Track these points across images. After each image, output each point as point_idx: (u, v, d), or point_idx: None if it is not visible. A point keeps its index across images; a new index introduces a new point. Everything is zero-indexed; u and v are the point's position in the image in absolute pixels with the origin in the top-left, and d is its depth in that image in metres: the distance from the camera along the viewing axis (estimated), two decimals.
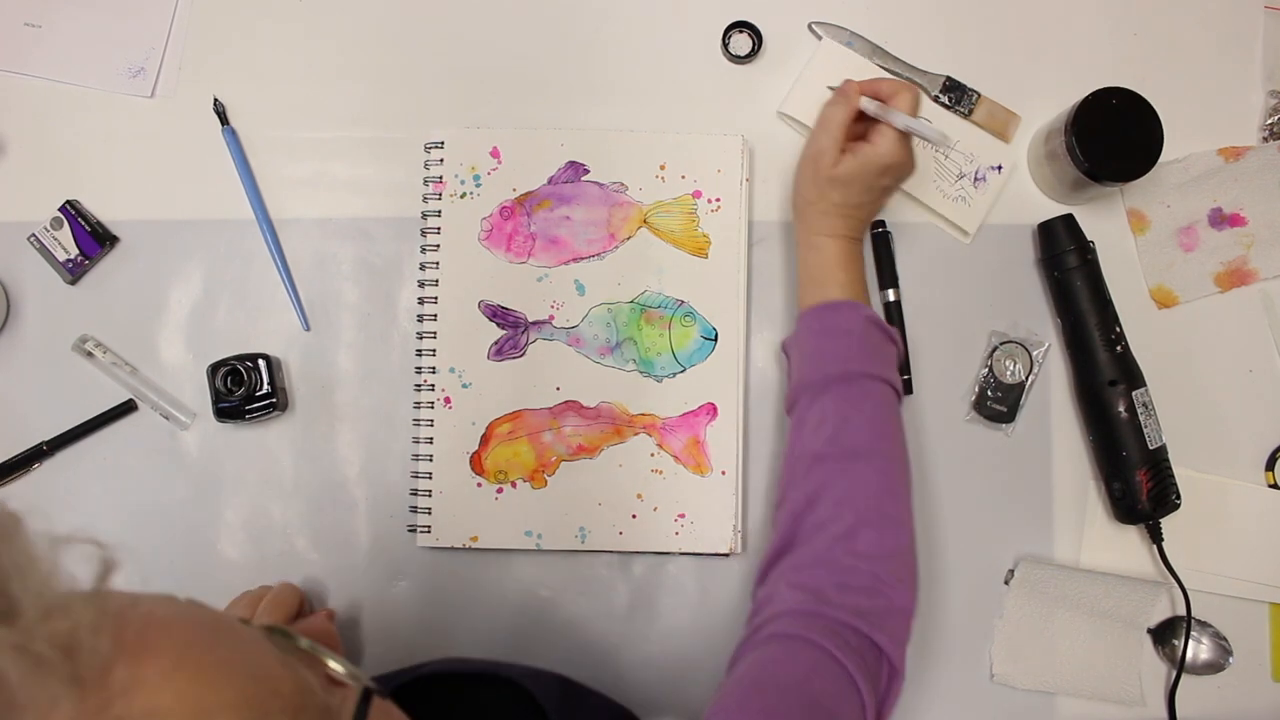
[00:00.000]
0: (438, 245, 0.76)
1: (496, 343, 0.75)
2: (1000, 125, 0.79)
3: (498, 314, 0.76)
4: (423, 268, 0.76)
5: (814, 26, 0.80)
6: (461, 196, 0.76)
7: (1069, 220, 0.76)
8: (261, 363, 0.74)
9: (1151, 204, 0.79)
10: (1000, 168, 0.79)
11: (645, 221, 0.76)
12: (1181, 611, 0.75)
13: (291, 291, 0.77)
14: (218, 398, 0.74)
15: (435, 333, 0.75)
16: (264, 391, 0.74)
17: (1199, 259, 0.79)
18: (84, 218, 0.76)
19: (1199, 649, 0.76)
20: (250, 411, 0.74)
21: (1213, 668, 0.75)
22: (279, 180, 0.78)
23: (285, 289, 0.77)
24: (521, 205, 0.76)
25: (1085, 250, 0.75)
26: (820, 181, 0.69)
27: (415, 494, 0.75)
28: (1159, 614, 0.76)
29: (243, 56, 0.79)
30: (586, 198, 0.76)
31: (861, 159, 0.68)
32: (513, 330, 0.76)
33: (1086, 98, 0.72)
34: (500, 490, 0.75)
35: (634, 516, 0.74)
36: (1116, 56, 0.80)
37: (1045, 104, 0.78)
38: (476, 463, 0.75)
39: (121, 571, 0.74)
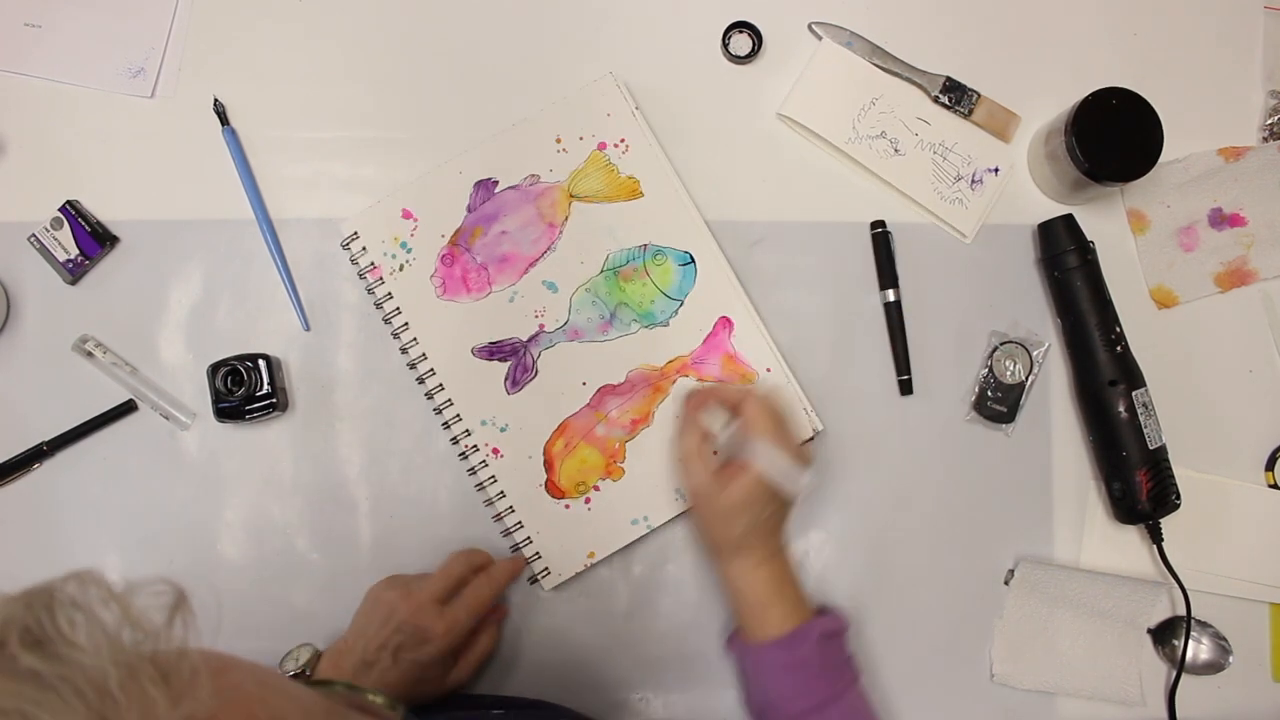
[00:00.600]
0: (405, 323, 0.76)
1: (508, 376, 0.75)
2: (1000, 125, 0.79)
3: (494, 351, 0.76)
4: (403, 350, 0.76)
5: (814, 27, 0.79)
6: (400, 269, 0.76)
7: (1069, 220, 0.76)
8: (261, 363, 0.74)
9: (1151, 204, 0.79)
10: (997, 170, 0.79)
11: (572, 196, 0.76)
12: (1181, 611, 0.75)
13: (291, 291, 0.77)
14: (218, 398, 0.74)
15: (450, 399, 0.75)
16: (264, 391, 0.74)
17: (1199, 259, 0.79)
18: (84, 218, 0.76)
19: (1199, 649, 0.75)
20: (250, 411, 0.74)
21: (1213, 668, 0.75)
22: (279, 180, 0.78)
23: (285, 289, 0.77)
24: (457, 245, 0.76)
25: (1085, 250, 0.75)
26: (716, 519, 0.66)
27: (515, 548, 0.75)
28: (1159, 614, 0.76)
29: (243, 57, 0.79)
30: (510, 206, 0.76)
31: (747, 483, 0.64)
32: (515, 357, 0.76)
33: (1086, 98, 0.72)
34: (588, 500, 0.75)
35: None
36: (1116, 56, 0.80)
37: (1045, 104, 0.78)
38: (553, 489, 0.75)
39: (119, 572, 0.75)
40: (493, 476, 0.75)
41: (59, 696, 0.28)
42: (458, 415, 0.75)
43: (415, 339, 0.76)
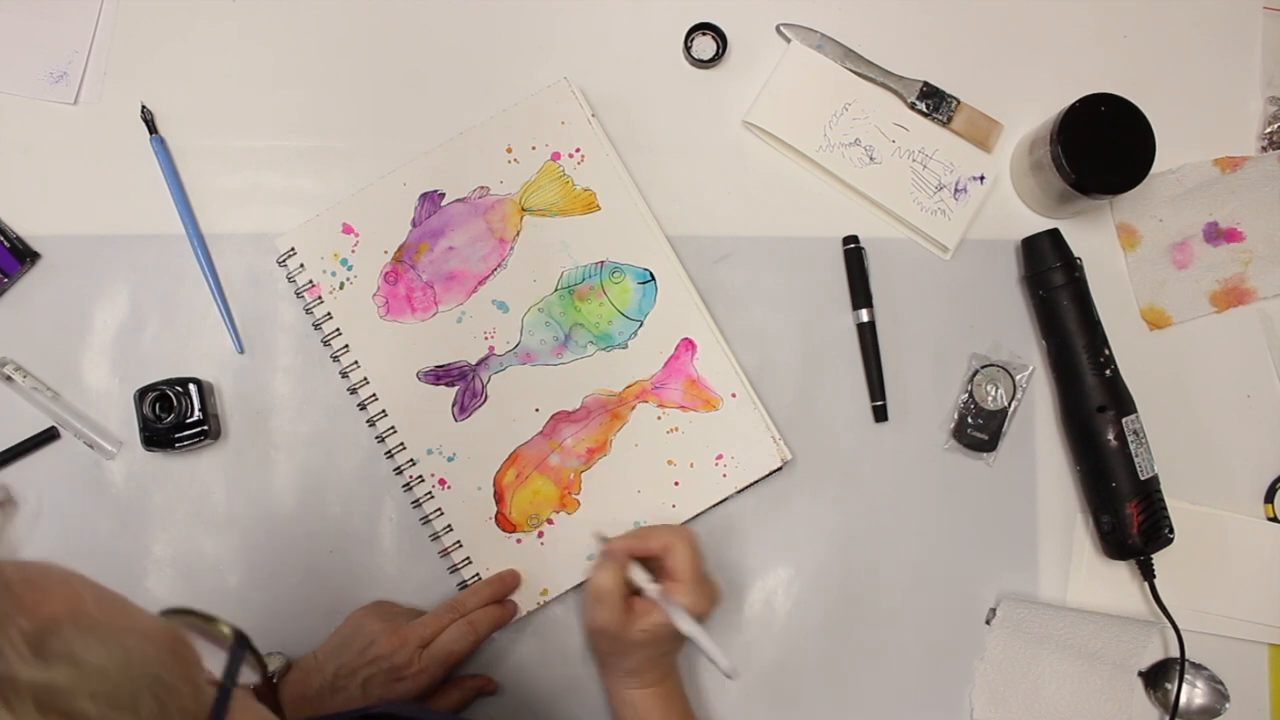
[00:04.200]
0: (346, 345, 0.73)
1: (456, 402, 0.73)
2: (981, 134, 0.77)
3: (440, 375, 0.73)
4: (344, 374, 0.73)
5: (782, 29, 0.78)
6: (340, 287, 0.73)
7: (1055, 235, 0.74)
8: (192, 387, 0.72)
9: (1143, 218, 0.78)
10: (982, 178, 0.77)
11: (524, 210, 0.74)
12: (1175, 653, 0.73)
13: (224, 311, 0.75)
14: (145, 425, 0.72)
15: (393, 427, 0.72)
16: (195, 418, 0.72)
17: (1193, 277, 0.77)
18: (2, 233, 0.74)
19: (1193, 693, 0.74)
20: (180, 439, 0.72)
21: (1208, 713, 0.74)
22: (211, 192, 0.76)
23: (217, 309, 0.75)
24: (400, 262, 0.73)
25: (1072, 267, 0.74)
26: (618, 646, 0.65)
27: (462, 584, 0.72)
28: (1151, 656, 0.74)
29: (172, 61, 0.77)
30: (457, 220, 0.74)
31: (658, 626, 0.64)
32: (463, 381, 0.73)
33: (1073, 105, 0.71)
34: (541, 534, 0.72)
35: (677, 484, 0.72)
36: (1105, 60, 0.80)
37: (1029, 111, 0.77)
38: (504, 522, 0.72)
39: None
40: (439, 509, 0.72)
41: None
42: (402, 444, 0.72)
43: (356, 362, 0.73)
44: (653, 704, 0.66)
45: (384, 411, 0.72)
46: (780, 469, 0.73)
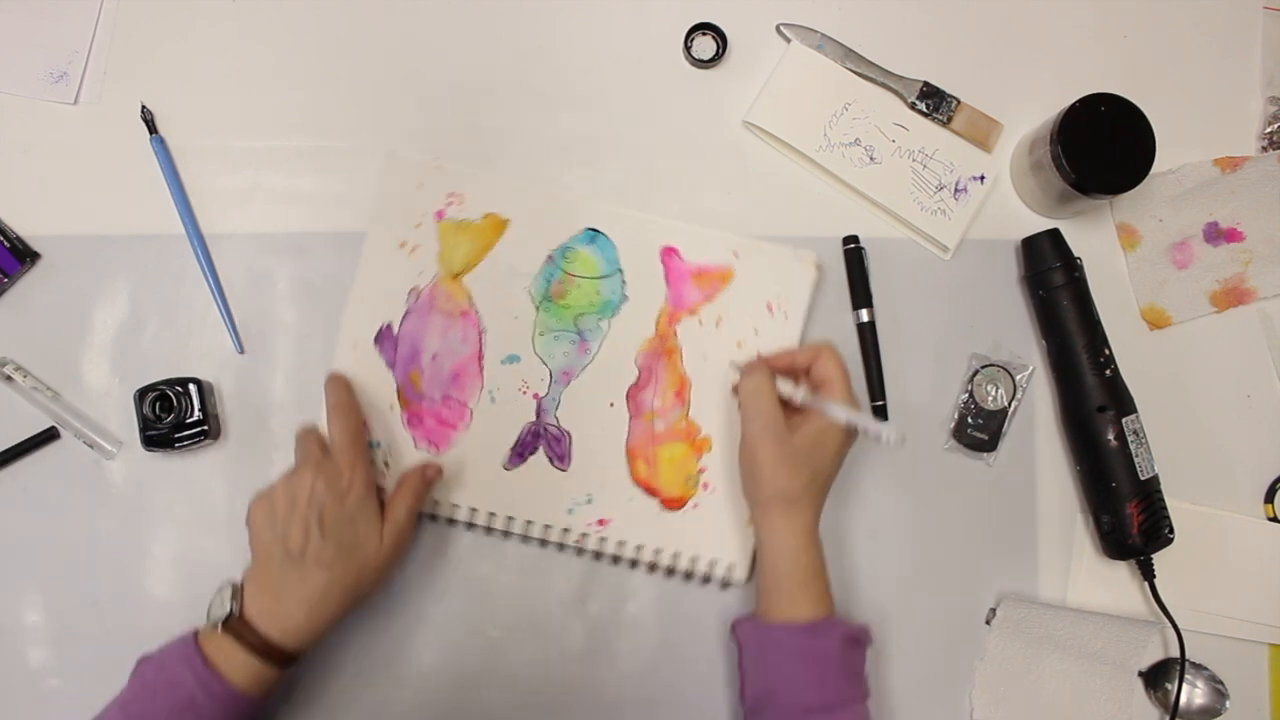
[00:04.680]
0: (435, 501, 0.72)
1: (550, 459, 0.72)
2: (981, 134, 0.77)
3: (522, 451, 0.72)
4: (453, 521, 0.72)
5: (782, 28, 0.78)
6: (386, 465, 0.72)
7: (1055, 235, 0.74)
8: (192, 387, 0.72)
9: (1143, 218, 0.77)
10: (982, 178, 0.76)
11: (456, 276, 0.73)
12: (1175, 653, 0.73)
13: (224, 311, 0.74)
14: (145, 425, 0.72)
15: (513, 516, 0.72)
16: (195, 418, 0.72)
17: (1193, 277, 0.77)
18: (2, 233, 0.73)
19: (1194, 693, 0.74)
20: (180, 440, 0.72)
21: (1208, 713, 0.74)
22: (211, 192, 0.76)
23: (218, 309, 0.74)
24: (411, 402, 0.72)
25: (1072, 267, 0.73)
26: (781, 463, 0.64)
27: (707, 579, 0.73)
28: (1151, 656, 0.74)
29: (172, 61, 0.77)
30: (419, 331, 0.73)
31: (823, 428, 0.64)
32: (540, 439, 0.72)
33: (1073, 104, 0.70)
34: (706, 485, 0.73)
35: (759, 353, 0.73)
36: (1105, 60, 0.79)
37: (1029, 111, 0.77)
38: (670, 503, 0.72)
39: (40, 610, 0.72)
40: (620, 541, 0.72)
41: None
42: (547, 526, 0.72)
43: (456, 504, 0.72)
44: (812, 556, 0.65)
45: (511, 518, 0.71)
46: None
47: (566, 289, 0.73)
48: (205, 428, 0.71)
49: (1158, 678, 0.73)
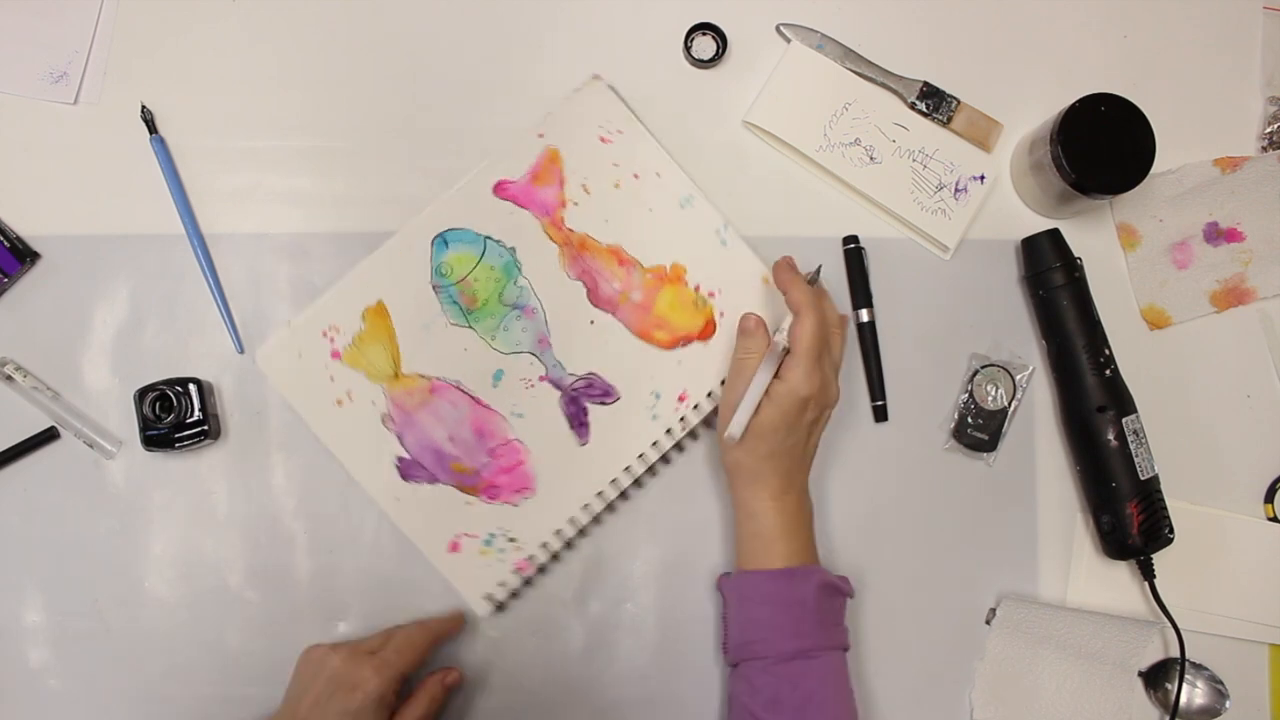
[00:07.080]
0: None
1: (598, 404, 0.73)
2: (981, 134, 0.77)
3: (576, 418, 0.72)
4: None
5: (782, 29, 0.77)
6: (505, 555, 0.72)
7: (1055, 235, 0.74)
8: (192, 387, 0.72)
9: (1143, 218, 0.77)
10: (982, 178, 0.76)
11: (399, 378, 0.71)
12: (1175, 653, 0.73)
13: (224, 311, 0.74)
14: (145, 425, 0.72)
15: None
16: (195, 418, 0.71)
17: (1193, 277, 0.77)
18: (2, 233, 0.73)
19: (1194, 693, 0.74)
20: (180, 439, 0.71)
21: (1208, 713, 0.73)
22: (211, 193, 0.75)
23: (218, 309, 0.74)
24: (470, 482, 0.72)
25: (1072, 267, 0.73)
26: (748, 435, 0.64)
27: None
28: (1151, 656, 0.74)
29: (172, 61, 0.77)
30: (424, 444, 0.72)
31: (774, 400, 0.63)
32: (579, 400, 0.72)
33: (1073, 105, 0.70)
34: (722, 312, 0.73)
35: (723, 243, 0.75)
36: (1105, 60, 0.79)
37: (1029, 111, 0.77)
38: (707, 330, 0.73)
39: (40, 610, 0.72)
40: (707, 394, 0.72)
41: None
42: (648, 448, 0.72)
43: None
44: (777, 517, 0.65)
45: (627, 468, 0.71)
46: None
47: (471, 291, 0.72)
48: (205, 428, 0.71)
49: (1158, 678, 0.73)
